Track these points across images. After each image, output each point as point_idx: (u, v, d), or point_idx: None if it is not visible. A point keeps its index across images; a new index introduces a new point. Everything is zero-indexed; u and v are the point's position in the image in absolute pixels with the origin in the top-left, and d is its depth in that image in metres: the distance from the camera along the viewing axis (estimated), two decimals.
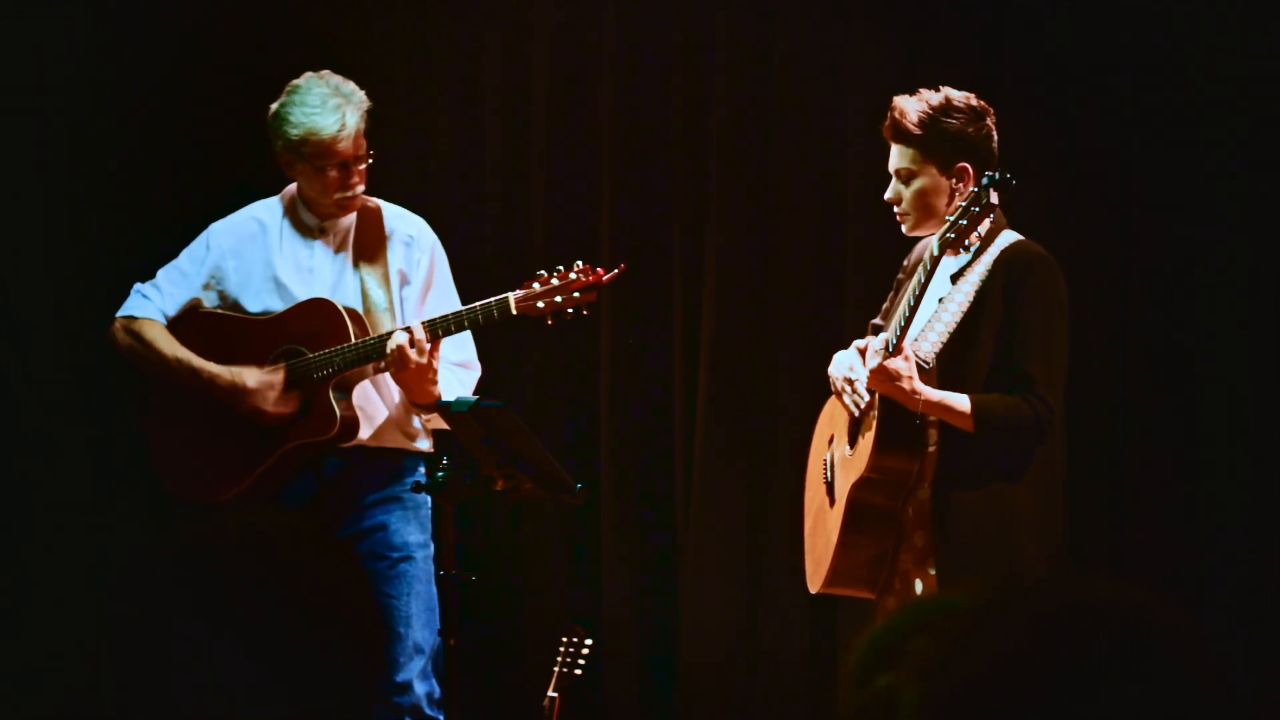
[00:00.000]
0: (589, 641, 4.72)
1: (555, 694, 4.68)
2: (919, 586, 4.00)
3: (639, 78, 5.84)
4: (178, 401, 4.62)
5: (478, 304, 4.40)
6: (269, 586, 1.52)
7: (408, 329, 4.37)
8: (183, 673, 1.48)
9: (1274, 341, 5.13)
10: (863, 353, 4.08)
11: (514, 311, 4.35)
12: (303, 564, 1.55)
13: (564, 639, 4.73)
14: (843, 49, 5.61)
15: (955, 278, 3.99)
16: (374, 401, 4.58)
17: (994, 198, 3.85)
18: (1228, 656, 1.35)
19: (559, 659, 4.71)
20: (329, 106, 4.47)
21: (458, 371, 4.63)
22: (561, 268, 4.36)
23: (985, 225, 3.91)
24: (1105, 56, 5.28)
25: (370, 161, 4.54)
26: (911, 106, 4.05)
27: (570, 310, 4.34)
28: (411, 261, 4.63)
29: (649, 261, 5.76)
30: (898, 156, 4.09)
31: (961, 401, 3.92)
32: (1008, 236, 4.03)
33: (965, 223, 3.86)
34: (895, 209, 4.12)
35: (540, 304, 4.33)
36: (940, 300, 3.98)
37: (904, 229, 4.13)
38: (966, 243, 3.91)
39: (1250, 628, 5.00)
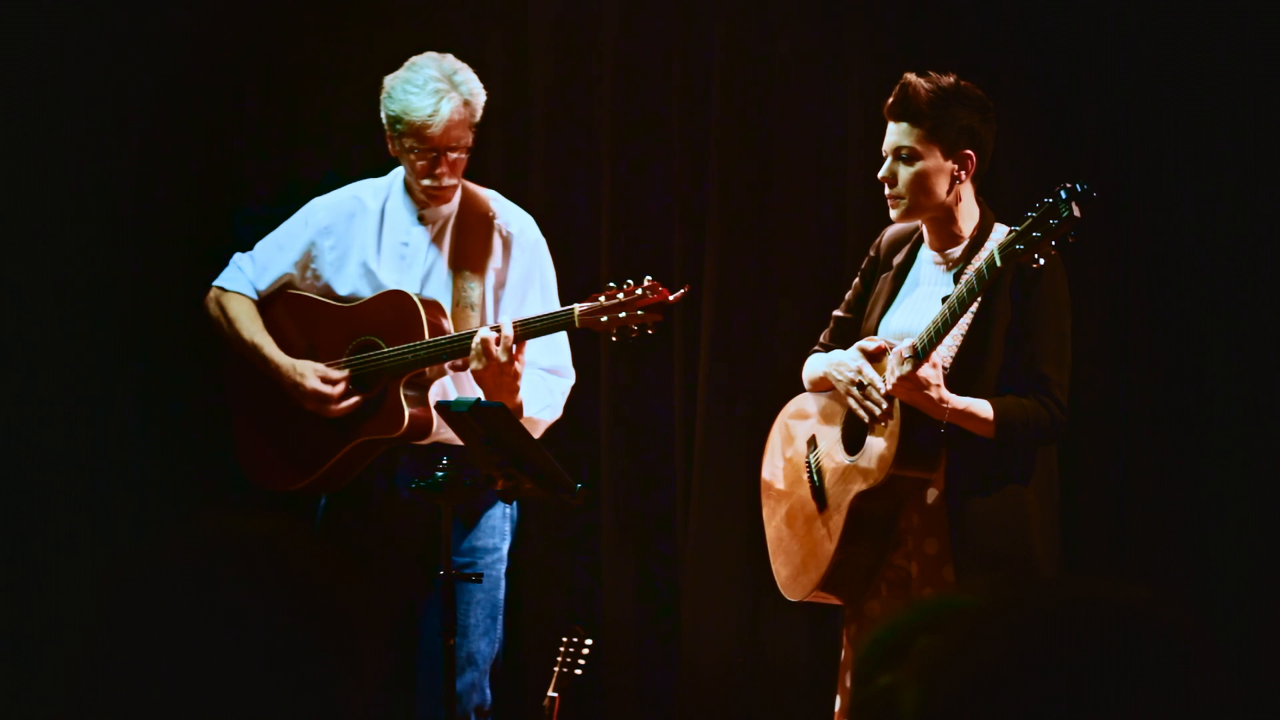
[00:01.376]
0: (589, 641, 4.72)
1: (555, 694, 4.68)
2: (930, 596, 3.94)
3: (639, 77, 5.84)
4: (259, 386, 4.52)
5: (545, 313, 4.31)
6: (269, 588, 1.52)
7: (496, 326, 4.24)
8: (181, 673, 1.47)
9: (1275, 340, 5.12)
10: (870, 354, 3.98)
11: (576, 324, 4.22)
12: (303, 565, 1.54)
13: (564, 639, 4.73)
14: (843, 48, 5.61)
15: (958, 277, 3.89)
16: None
17: (1076, 211, 3.62)
18: (1231, 657, 1.35)
19: (559, 659, 4.71)
20: (428, 90, 4.34)
21: (548, 378, 4.52)
22: (630, 281, 4.22)
23: (1065, 239, 3.66)
24: (1104, 54, 5.28)
25: (467, 155, 4.41)
26: (924, 84, 3.95)
27: (635, 329, 4.18)
28: (510, 259, 4.50)
29: (649, 261, 5.75)
30: (900, 135, 3.98)
31: (985, 408, 3.85)
32: (1001, 230, 3.96)
33: (1039, 235, 3.65)
34: (887, 190, 4.00)
35: (604, 318, 4.18)
36: (944, 300, 3.86)
37: (893, 214, 4.02)
38: (1038, 258, 3.67)
39: (1252, 628, 4.99)
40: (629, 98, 5.84)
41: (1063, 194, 3.65)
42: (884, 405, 3.92)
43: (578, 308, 4.22)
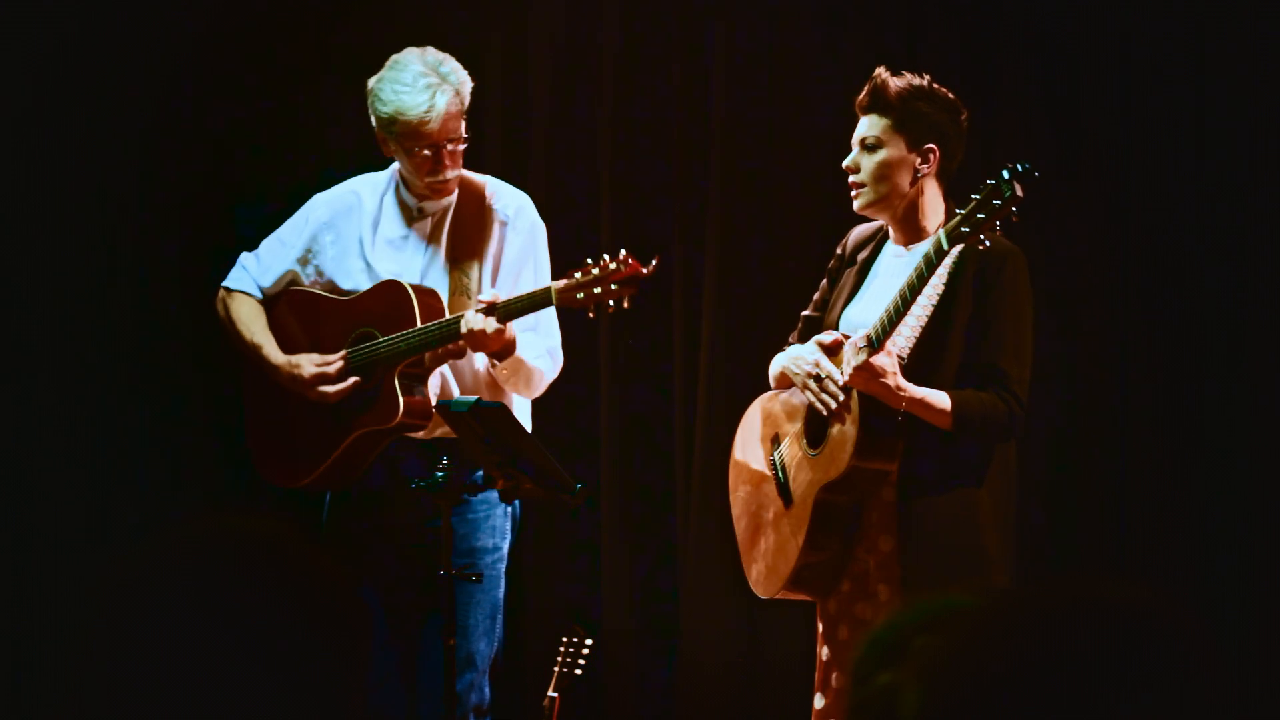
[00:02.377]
0: (589, 641, 4.72)
1: (555, 694, 4.68)
2: (883, 592, 3.96)
3: (639, 77, 5.84)
4: (267, 385, 4.52)
5: (525, 293, 4.31)
6: (269, 588, 1.52)
7: (481, 305, 4.25)
8: (181, 673, 1.47)
9: (1275, 340, 5.12)
10: (826, 348, 4.00)
11: (554, 302, 4.23)
12: (303, 565, 1.54)
13: (564, 639, 4.73)
14: (843, 48, 5.61)
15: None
16: (454, 394, 4.45)
17: (1019, 190, 3.69)
18: (1231, 657, 1.35)
19: (559, 659, 4.71)
20: (419, 86, 4.34)
21: (544, 357, 4.51)
22: (606, 257, 4.21)
23: (1008, 219, 3.72)
24: (1105, 54, 5.28)
25: (464, 145, 4.42)
26: (894, 79, 4.00)
27: (611, 303, 4.17)
28: (505, 241, 4.50)
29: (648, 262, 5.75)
30: (867, 126, 4.02)
31: (942, 399, 3.86)
32: None
33: (983, 216, 3.72)
34: (850, 178, 4.04)
35: (580, 294, 4.19)
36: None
37: (856, 204, 4.05)
38: (983, 238, 3.74)
39: (1252, 628, 4.99)
40: (629, 97, 5.84)
41: (1005, 174, 3.71)
42: (841, 396, 3.94)
43: (554, 285, 4.23)
